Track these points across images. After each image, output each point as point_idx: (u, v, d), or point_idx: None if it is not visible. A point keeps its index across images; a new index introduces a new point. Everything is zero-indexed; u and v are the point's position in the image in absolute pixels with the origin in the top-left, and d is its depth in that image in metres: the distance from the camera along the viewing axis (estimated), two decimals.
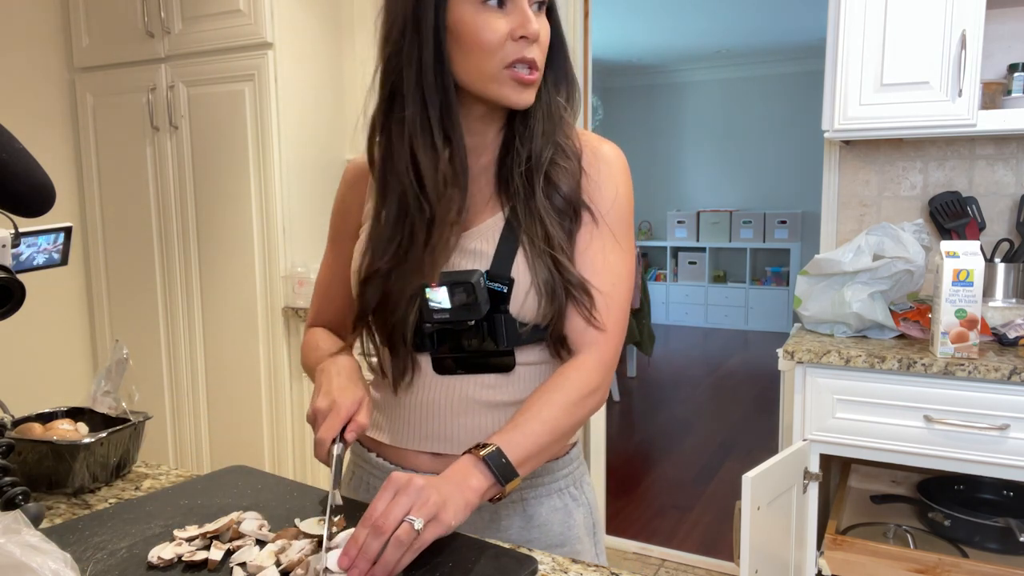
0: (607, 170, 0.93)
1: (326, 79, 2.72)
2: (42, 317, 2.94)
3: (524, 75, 0.84)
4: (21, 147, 0.77)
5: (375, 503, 0.72)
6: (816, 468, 1.79)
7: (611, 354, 0.91)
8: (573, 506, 0.98)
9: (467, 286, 0.85)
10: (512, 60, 0.83)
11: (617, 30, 5.97)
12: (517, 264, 0.88)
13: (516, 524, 0.94)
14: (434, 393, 0.93)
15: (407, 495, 0.72)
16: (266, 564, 0.73)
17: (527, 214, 0.88)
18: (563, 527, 0.96)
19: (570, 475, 0.99)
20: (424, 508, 0.71)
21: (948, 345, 1.65)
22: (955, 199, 2.10)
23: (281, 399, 2.62)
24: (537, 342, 0.92)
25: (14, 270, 0.82)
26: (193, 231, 2.73)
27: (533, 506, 0.95)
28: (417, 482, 0.73)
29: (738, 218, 7.31)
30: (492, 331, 0.89)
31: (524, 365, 0.92)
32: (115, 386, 1.09)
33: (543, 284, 0.87)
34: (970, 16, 1.78)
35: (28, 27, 2.85)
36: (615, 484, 3.43)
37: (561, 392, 0.86)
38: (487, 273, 0.88)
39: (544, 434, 0.84)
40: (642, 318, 4.96)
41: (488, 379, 0.92)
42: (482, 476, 0.78)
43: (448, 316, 0.87)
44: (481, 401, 0.92)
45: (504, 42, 0.82)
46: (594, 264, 0.90)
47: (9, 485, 0.85)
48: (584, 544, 0.98)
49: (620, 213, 0.93)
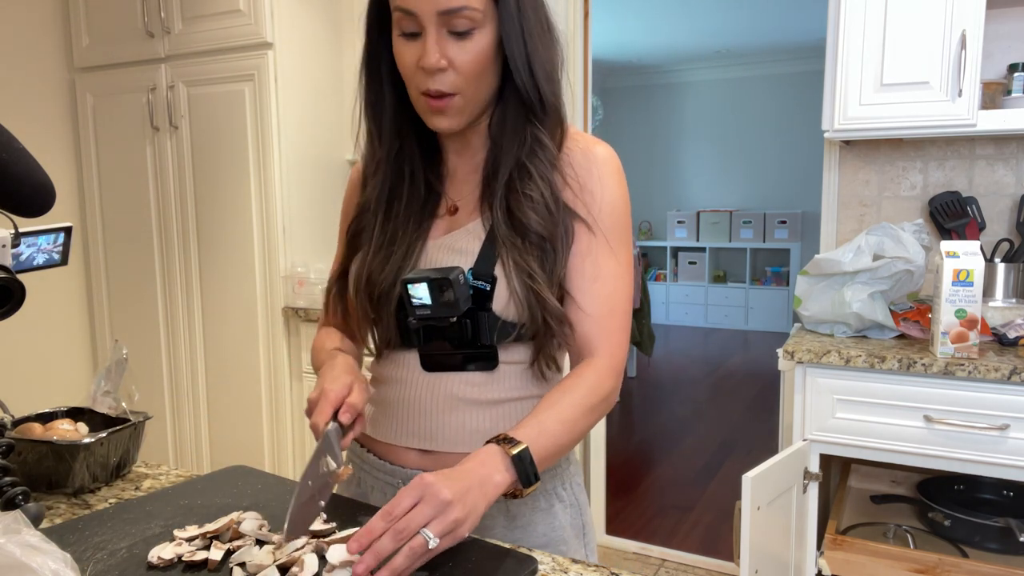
0: (599, 172, 0.92)
1: (326, 79, 2.72)
2: (42, 317, 2.94)
3: (431, 101, 0.86)
4: (21, 147, 0.77)
5: (399, 499, 0.71)
6: (816, 468, 1.79)
7: (620, 359, 0.92)
8: (559, 507, 0.97)
9: (446, 282, 0.85)
10: (422, 89, 0.86)
11: (617, 30, 5.98)
12: (499, 267, 0.89)
13: (500, 523, 0.94)
14: (421, 390, 0.94)
15: (431, 506, 0.71)
16: (266, 563, 0.73)
17: (501, 240, 0.89)
18: (547, 527, 0.96)
19: (557, 476, 0.98)
20: (443, 524, 0.70)
21: (948, 345, 1.65)
22: (955, 199, 2.10)
23: (281, 399, 2.62)
24: (521, 341, 0.92)
25: (14, 270, 0.82)
26: (193, 231, 2.73)
27: (516, 505, 0.94)
28: (445, 495, 0.71)
29: (738, 218, 7.32)
30: (475, 328, 0.90)
31: (509, 364, 0.93)
32: (115, 386, 1.09)
33: (523, 298, 0.88)
34: (970, 16, 1.78)
35: (28, 27, 2.85)
36: (615, 484, 3.43)
37: (581, 394, 0.87)
38: (471, 271, 0.89)
39: (563, 435, 0.84)
40: (642, 318, 4.96)
41: (473, 377, 0.92)
42: (507, 473, 0.78)
43: (430, 312, 0.87)
44: (466, 399, 0.93)
45: (415, 71, 0.86)
46: (591, 278, 0.91)
47: (9, 485, 0.85)
48: (570, 545, 0.97)
49: (615, 217, 0.93)
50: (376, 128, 0.95)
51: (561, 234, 0.89)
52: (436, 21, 0.83)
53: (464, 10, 0.82)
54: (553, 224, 0.89)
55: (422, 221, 0.95)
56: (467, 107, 0.88)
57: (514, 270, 0.87)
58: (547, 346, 0.91)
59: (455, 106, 0.87)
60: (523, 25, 0.86)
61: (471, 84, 0.86)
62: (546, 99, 0.90)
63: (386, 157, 0.95)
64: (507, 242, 0.88)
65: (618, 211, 0.93)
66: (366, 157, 0.98)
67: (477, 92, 0.88)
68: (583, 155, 0.93)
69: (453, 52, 0.84)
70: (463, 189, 0.96)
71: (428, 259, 0.93)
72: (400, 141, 0.95)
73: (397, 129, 0.95)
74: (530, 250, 0.88)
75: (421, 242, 0.94)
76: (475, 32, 0.84)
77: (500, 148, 0.91)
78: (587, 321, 0.91)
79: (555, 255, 0.89)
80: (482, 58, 0.85)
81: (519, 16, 0.86)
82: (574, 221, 0.91)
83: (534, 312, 0.88)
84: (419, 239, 0.94)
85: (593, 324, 0.91)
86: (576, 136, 0.95)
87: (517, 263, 0.87)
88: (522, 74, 0.87)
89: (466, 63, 0.85)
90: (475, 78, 0.86)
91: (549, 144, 0.91)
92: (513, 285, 0.88)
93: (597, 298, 0.90)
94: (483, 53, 0.85)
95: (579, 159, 0.92)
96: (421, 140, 0.96)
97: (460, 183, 0.97)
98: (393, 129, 0.94)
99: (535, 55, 0.87)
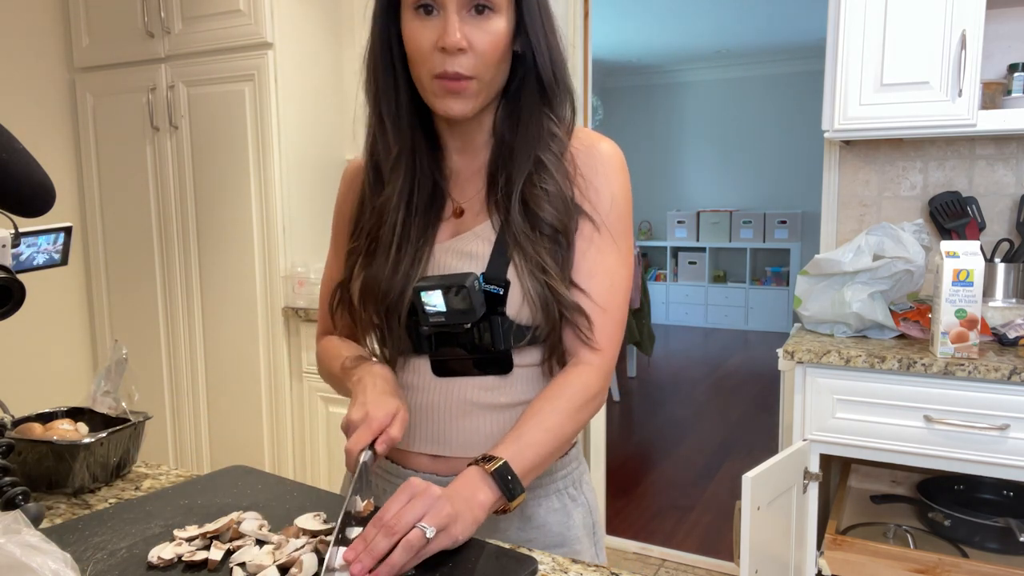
0: (603, 169, 0.92)
1: (326, 79, 2.72)
2: (42, 317, 2.94)
3: (448, 83, 0.84)
4: (21, 147, 0.77)
5: (389, 504, 0.72)
6: (816, 468, 1.79)
7: (610, 359, 0.92)
8: (572, 506, 0.98)
9: (461, 289, 0.84)
10: (437, 71, 0.83)
11: (617, 30, 5.98)
12: (511, 270, 0.88)
13: (515, 525, 0.94)
14: (433, 395, 0.93)
15: (422, 501, 0.72)
16: (266, 564, 0.73)
17: (512, 237, 0.88)
18: (562, 527, 0.96)
19: (568, 475, 0.99)
20: (437, 518, 0.71)
21: (948, 345, 1.65)
22: (955, 199, 2.10)
23: (281, 399, 2.62)
24: (534, 344, 0.91)
25: (14, 270, 0.82)
26: (193, 231, 2.73)
27: (531, 507, 0.95)
28: (434, 491, 0.73)
29: (738, 218, 7.32)
30: (489, 333, 0.89)
31: (522, 367, 0.92)
32: (114, 386, 1.09)
33: (536, 298, 0.87)
34: (970, 16, 1.78)
35: (28, 27, 2.85)
36: (615, 484, 3.43)
37: (563, 399, 0.86)
38: (482, 275, 0.88)
39: (548, 443, 0.84)
40: (642, 318, 4.95)
41: (486, 381, 0.92)
42: (490, 491, 0.78)
43: (444, 319, 0.86)
44: (479, 403, 0.92)
45: (431, 53, 0.83)
46: (591, 272, 0.90)
47: (9, 485, 0.85)
48: (583, 544, 0.98)
49: (618, 212, 0.93)
50: (392, 118, 0.91)
51: (574, 227, 0.89)
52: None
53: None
54: (568, 217, 0.88)
55: (428, 224, 0.93)
56: (481, 93, 0.86)
57: (526, 266, 0.86)
58: (559, 346, 0.90)
59: (471, 90, 0.85)
60: (540, 11, 0.87)
61: (489, 68, 0.85)
62: (563, 82, 0.90)
63: (405, 149, 0.91)
64: (520, 235, 0.87)
65: (620, 207, 0.93)
66: (379, 152, 0.93)
67: (493, 78, 0.87)
68: (587, 151, 0.92)
69: (473, 33, 0.83)
70: (467, 190, 0.95)
71: (437, 264, 0.92)
72: (413, 131, 0.92)
73: (411, 120, 0.92)
74: (543, 243, 0.87)
75: (428, 247, 0.92)
76: (494, 14, 0.84)
77: (511, 143, 0.90)
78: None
79: (569, 248, 0.89)
80: (500, 41, 0.85)
81: (537, 2, 0.87)
82: (579, 215, 0.91)
83: (549, 309, 0.87)
84: (426, 244, 0.92)
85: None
86: (580, 133, 0.94)
87: (530, 257, 0.86)
88: (544, 56, 0.87)
89: (486, 45, 0.83)
90: (492, 62, 0.85)
91: (561, 136, 0.90)
92: (527, 287, 0.87)
93: (592, 295, 0.90)
94: (502, 37, 0.85)
95: (584, 155, 0.92)
96: (427, 137, 0.94)
97: (464, 184, 0.95)
98: (409, 120, 0.91)
99: (554, 40, 0.89)
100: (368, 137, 0.95)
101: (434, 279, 0.87)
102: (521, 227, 0.87)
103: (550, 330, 0.89)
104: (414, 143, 0.92)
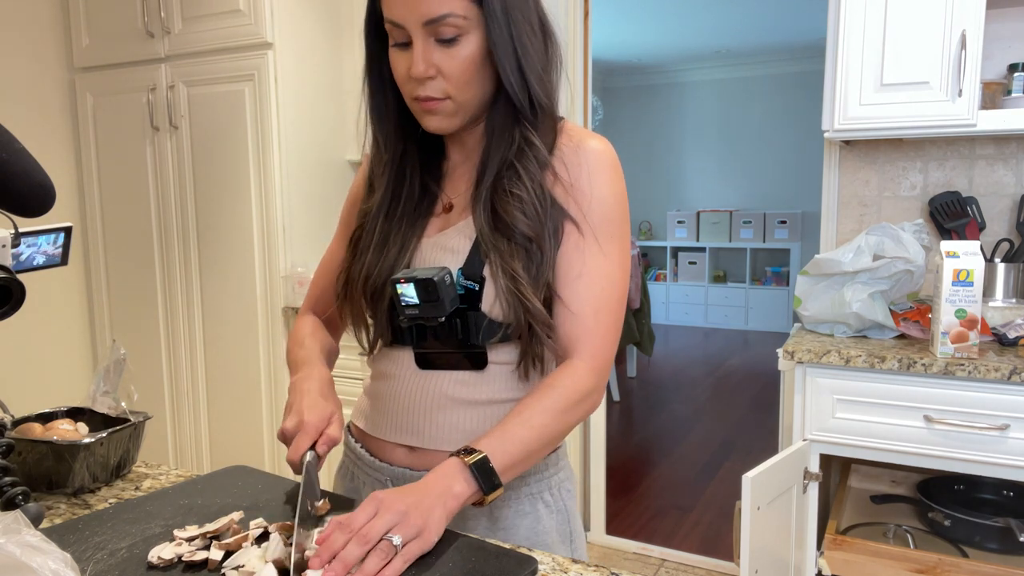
0: (589, 168, 0.91)
1: (326, 79, 2.72)
2: (42, 317, 2.94)
3: (423, 104, 0.88)
4: (21, 147, 0.77)
5: (356, 515, 0.73)
6: (816, 468, 1.79)
7: (604, 359, 0.91)
8: (544, 512, 0.96)
9: (430, 283, 0.85)
10: (414, 95, 0.88)
11: (617, 30, 5.97)
12: (487, 268, 0.89)
13: (482, 524, 0.94)
14: (411, 387, 0.94)
15: (391, 514, 0.73)
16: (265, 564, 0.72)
17: (486, 241, 0.89)
18: (530, 532, 0.95)
19: (543, 480, 0.97)
20: (405, 529, 0.73)
21: (948, 345, 1.65)
22: (955, 199, 2.10)
23: (281, 399, 2.62)
24: (508, 342, 0.91)
25: (14, 270, 0.82)
26: (193, 231, 2.73)
27: (499, 507, 0.94)
28: (399, 506, 0.74)
29: (738, 218, 7.31)
30: (464, 328, 0.90)
31: (497, 364, 0.92)
32: (113, 386, 1.09)
33: (508, 297, 0.87)
34: (970, 16, 1.78)
35: (28, 27, 2.85)
36: (615, 484, 3.43)
37: (552, 398, 0.86)
38: (460, 271, 0.89)
39: (532, 440, 0.84)
40: (642, 318, 4.95)
41: (462, 376, 0.92)
42: (466, 484, 0.79)
43: (418, 312, 0.87)
44: (455, 398, 0.92)
45: (407, 80, 0.88)
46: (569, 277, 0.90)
47: (9, 485, 0.85)
48: (555, 550, 0.96)
49: (604, 213, 0.91)
50: (381, 134, 0.97)
51: (548, 235, 0.88)
52: (422, 31, 0.84)
53: (448, 17, 0.83)
54: (540, 225, 0.88)
55: (417, 219, 0.96)
56: (460, 110, 0.89)
57: (500, 266, 0.87)
58: (532, 347, 0.90)
59: (446, 109, 0.88)
60: (511, 28, 0.85)
61: (461, 89, 0.87)
62: (537, 101, 0.89)
63: (391, 161, 0.97)
64: (491, 244, 0.88)
65: (608, 207, 0.91)
66: (372, 161, 1.00)
67: (469, 96, 0.88)
68: (574, 151, 0.91)
69: (441, 60, 0.85)
70: (460, 186, 0.97)
71: (422, 257, 0.94)
72: (404, 144, 0.97)
73: (401, 133, 0.96)
74: (515, 252, 0.87)
75: (416, 240, 0.95)
76: (462, 39, 0.85)
77: (491, 148, 0.92)
78: (570, 320, 0.89)
79: (542, 256, 0.88)
80: (470, 64, 0.86)
81: (506, 19, 0.85)
82: (563, 219, 0.90)
83: (518, 313, 0.87)
84: (413, 236, 0.95)
85: (576, 323, 0.89)
86: (571, 131, 0.94)
87: (503, 260, 0.87)
88: (512, 78, 0.87)
89: (454, 69, 0.85)
90: (464, 84, 0.87)
91: (539, 144, 0.90)
92: (500, 285, 0.87)
93: (581, 297, 0.89)
94: (471, 59, 0.86)
95: (570, 155, 0.91)
96: (425, 139, 0.97)
97: (458, 180, 0.98)
98: (397, 134, 0.96)
99: (525, 57, 0.87)
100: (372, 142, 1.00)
101: (409, 272, 0.88)
102: (490, 235, 0.88)
103: (522, 331, 0.89)
104: (404, 154, 0.97)
